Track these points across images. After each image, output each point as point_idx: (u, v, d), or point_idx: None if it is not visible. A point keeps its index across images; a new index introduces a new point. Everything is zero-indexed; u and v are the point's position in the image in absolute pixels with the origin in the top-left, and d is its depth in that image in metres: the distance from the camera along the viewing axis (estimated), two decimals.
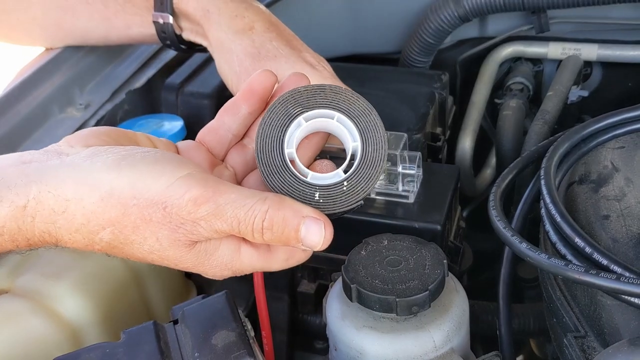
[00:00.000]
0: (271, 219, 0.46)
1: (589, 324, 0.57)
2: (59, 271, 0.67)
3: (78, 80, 0.86)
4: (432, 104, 0.90)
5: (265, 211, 0.46)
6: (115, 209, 0.45)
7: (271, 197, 0.47)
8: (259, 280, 0.62)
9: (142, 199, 0.45)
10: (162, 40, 0.79)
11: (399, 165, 0.72)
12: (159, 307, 0.75)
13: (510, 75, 1.13)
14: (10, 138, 0.76)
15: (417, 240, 0.61)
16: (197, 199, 0.45)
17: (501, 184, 0.68)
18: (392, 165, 0.72)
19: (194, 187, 0.45)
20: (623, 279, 0.50)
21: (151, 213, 0.45)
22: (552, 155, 0.66)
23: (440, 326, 0.56)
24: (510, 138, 0.97)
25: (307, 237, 0.47)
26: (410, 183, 0.72)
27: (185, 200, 0.45)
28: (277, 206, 0.46)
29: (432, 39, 1.07)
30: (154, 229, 0.45)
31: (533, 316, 0.78)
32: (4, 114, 0.77)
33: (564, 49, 1.09)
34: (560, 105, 0.95)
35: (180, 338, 0.54)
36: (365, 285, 0.57)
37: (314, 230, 0.47)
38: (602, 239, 0.59)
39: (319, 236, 0.47)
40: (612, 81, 1.13)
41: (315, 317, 0.79)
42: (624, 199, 0.62)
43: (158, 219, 0.45)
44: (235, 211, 0.45)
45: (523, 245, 0.57)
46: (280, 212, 0.46)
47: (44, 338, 0.62)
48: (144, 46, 0.94)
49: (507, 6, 1.01)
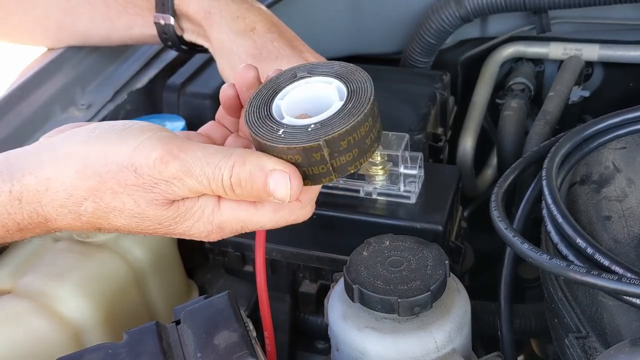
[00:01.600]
0: (237, 175, 0.47)
1: (590, 324, 0.57)
2: (62, 272, 0.67)
3: (80, 80, 0.86)
4: (433, 104, 0.90)
5: (231, 167, 0.47)
6: (91, 179, 0.47)
7: (236, 153, 0.48)
8: (261, 281, 0.62)
9: (114, 165, 0.47)
10: (164, 41, 0.79)
11: (401, 166, 0.72)
12: (161, 307, 0.75)
13: (511, 75, 1.13)
14: (12, 138, 0.76)
15: (418, 241, 0.61)
16: (163, 157, 0.46)
17: (503, 185, 0.68)
18: (393, 166, 0.72)
19: (158, 146, 0.47)
20: (624, 279, 0.50)
21: (125, 177, 0.47)
22: (553, 156, 0.66)
23: (442, 327, 0.57)
24: (512, 138, 0.98)
25: (276, 190, 0.47)
26: (412, 183, 0.72)
27: (152, 159, 0.46)
28: (241, 161, 0.47)
29: (433, 39, 1.07)
30: (130, 192, 0.47)
31: (534, 316, 0.78)
32: (6, 115, 0.78)
33: (565, 49, 1.09)
34: (562, 105, 0.95)
35: (182, 338, 0.54)
36: (367, 285, 0.57)
37: (281, 183, 0.47)
38: (603, 239, 0.59)
39: (285, 188, 0.47)
40: (614, 81, 1.13)
41: (317, 318, 0.80)
42: (626, 199, 0.62)
43: (132, 181, 0.47)
44: (202, 169, 0.47)
45: (524, 245, 0.57)
46: (246, 167, 0.47)
47: (46, 338, 0.63)
48: (146, 46, 0.94)
49: (508, 6, 1.01)
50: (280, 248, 0.75)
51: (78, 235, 0.72)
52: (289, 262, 0.76)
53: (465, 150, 1.04)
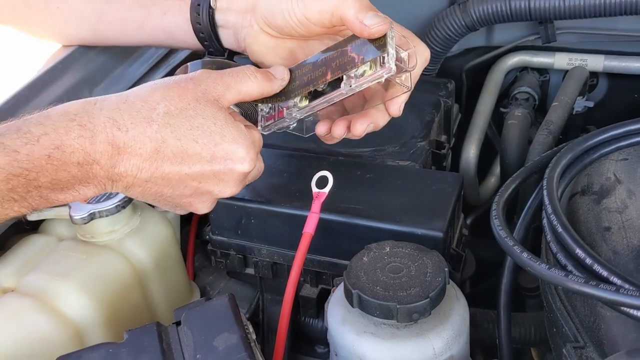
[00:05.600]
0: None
1: (588, 334, 0.57)
2: (65, 271, 0.67)
3: (87, 81, 0.87)
4: (437, 111, 0.90)
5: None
6: (162, 89, 0.58)
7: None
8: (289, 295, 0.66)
9: (177, 79, 0.60)
10: (194, 25, 0.75)
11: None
12: (163, 308, 0.75)
13: (516, 84, 1.13)
14: None
15: (419, 248, 0.62)
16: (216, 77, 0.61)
17: (504, 194, 0.68)
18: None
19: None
20: (622, 290, 0.50)
21: (187, 83, 0.59)
22: (555, 166, 0.67)
23: (440, 334, 0.57)
24: (515, 147, 0.98)
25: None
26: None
27: (207, 74, 0.61)
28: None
29: (438, 47, 1.07)
30: (190, 93, 0.59)
31: (534, 325, 0.78)
32: (15, 114, 0.78)
33: (570, 59, 1.09)
34: (565, 115, 0.96)
35: (182, 340, 0.54)
36: (366, 291, 0.57)
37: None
38: (602, 250, 0.60)
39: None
40: (618, 92, 1.13)
41: (317, 322, 0.80)
42: (626, 211, 0.62)
43: (191, 87, 0.59)
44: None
45: (524, 255, 0.57)
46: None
47: (48, 337, 0.63)
48: (154, 49, 0.94)
49: (514, 16, 1.02)
50: (282, 252, 0.75)
51: (82, 236, 0.72)
52: (290, 265, 0.76)
53: (469, 158, 1.05)
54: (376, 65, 0.60)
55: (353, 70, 0.61)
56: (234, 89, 0.61)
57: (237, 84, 0.61)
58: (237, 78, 0.61)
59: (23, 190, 0.53)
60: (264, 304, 0.82)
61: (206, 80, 0.60)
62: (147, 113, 0.57)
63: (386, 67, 0.59)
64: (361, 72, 0.61)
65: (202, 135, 0.58)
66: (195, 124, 0.58)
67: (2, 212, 0.54)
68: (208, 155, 0.58)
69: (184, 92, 0.58)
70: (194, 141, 0.58)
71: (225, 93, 0.60)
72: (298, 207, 0.71)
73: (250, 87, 0.62)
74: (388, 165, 0.81)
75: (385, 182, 0.76)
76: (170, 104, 0.57)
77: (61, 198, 0.56)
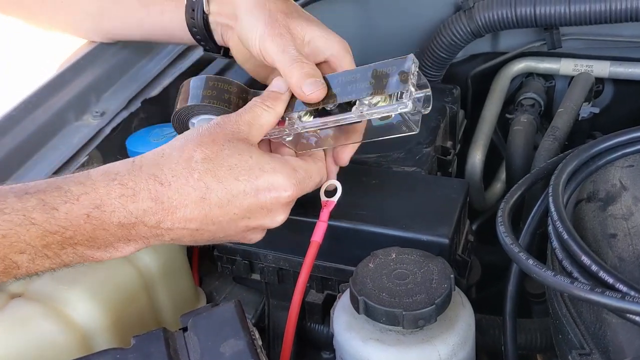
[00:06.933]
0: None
1: (594, 341, 0.57)
2: (72, 277, 0.68)
3: (94, 88, 0.88)
4: (443, 117, 0.91)
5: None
6: (194, 138, 0.60)
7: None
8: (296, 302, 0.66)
9: (204, 127, 0.61)
10: (190, 26, 0.77)
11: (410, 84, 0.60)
12: (169, 314, 0.76)
13: (521, 90, 1.14)
14: (27, 144, 0.77)
15: (424, 254, 0.62)
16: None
17: (509, 200, 0.68)
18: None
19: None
20: (628, 297, 0.50)
21: (214, 128, 0.60)
22: (560, 173, 0.67)
23: (445, 340, 0.57)
24: (521, 153, 0.98)
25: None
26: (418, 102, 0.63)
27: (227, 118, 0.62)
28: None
29: (444, 53, 1.08)
30: (221, 136, 0.60)
31: (540, 332, 0.78)
32: (22, 121, 0.79)
33: (576, 65, 1.09)
34: (571, 121, 0.96)
35: (189, 346, 0.54)
36: (372, 297, 0.57)
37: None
38: (608, 257, 0.60)
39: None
40: (624, 98, 1.13)
41: (323, 327, 0.80)
42: (632, 217, 0.62)
43: (219, 130, 0.60)
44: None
45: (529, 261, 0.57)
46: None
47: (55, 342, 0.63)
48: (161, 55, 0.95)
49: (519, 22, 1.02)
50: (288, 257, 0.76)
51: None
52: (295, 271, 0.76)
53: (474, 164, 1.05)
54: (392, 99, 0.60)
55: (368, 98, 0.60)
56: (256, 125, 0.62)
57: (256, 120, 0.62)
58: (254, 114, 0.63)
59: (57, 247, 0.54)
60: (269, 309, 0.82)
61: (229, 122, 0.61)
62: (186, 163, 0.57)
63: (403, 102, 0.59)
64: (375, 102, 0.60)
65: (242, 172, 0.59)
66: (234, 162, 0.58)
67: (32, 268, 0.55)
68: (252, 190, 0.59)
69: (215, 136, 0.59)
70: (235, 180, 0.58)
71: (251, 131, 0.62)
72: (304, 214, 0.71)
73: (268, 118, 0.63)
74: (394, 171, 0.81)
75: (391, 188, 0.76)
76: (206, 148, 0.58)
77: (97, 255, 0.57)
